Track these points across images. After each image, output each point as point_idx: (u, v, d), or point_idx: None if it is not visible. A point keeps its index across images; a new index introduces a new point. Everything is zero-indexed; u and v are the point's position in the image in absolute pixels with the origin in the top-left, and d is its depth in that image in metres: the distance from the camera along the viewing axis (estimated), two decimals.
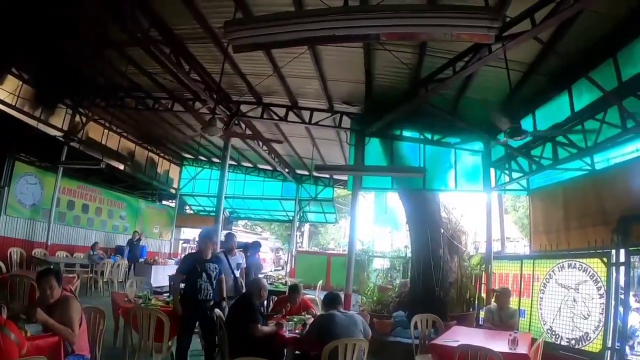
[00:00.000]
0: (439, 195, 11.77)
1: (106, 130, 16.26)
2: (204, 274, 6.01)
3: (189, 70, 9.39)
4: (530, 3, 5.90)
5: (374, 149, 11.28)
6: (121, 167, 17.46)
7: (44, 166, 14.60)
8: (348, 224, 12.09)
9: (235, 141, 14.03)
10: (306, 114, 11.66)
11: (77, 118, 14.53)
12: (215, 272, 6.20)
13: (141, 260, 15.37)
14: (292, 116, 11.73)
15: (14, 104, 12.72)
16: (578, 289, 7.71)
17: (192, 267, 6.06)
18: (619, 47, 6.81)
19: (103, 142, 16.55)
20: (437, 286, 10.07)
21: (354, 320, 5.33)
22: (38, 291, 4.30)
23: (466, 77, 8.32)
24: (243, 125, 13.12)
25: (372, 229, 22.81)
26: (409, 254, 12.57)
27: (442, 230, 10.87)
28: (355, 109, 11.16)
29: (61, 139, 14.30)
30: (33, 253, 12.92)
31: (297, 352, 5.57)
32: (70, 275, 9.65)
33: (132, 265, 14.76)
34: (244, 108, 11.97)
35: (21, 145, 13.76)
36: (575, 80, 7.99)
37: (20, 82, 12.81)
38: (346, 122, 11.45)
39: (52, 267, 5.66)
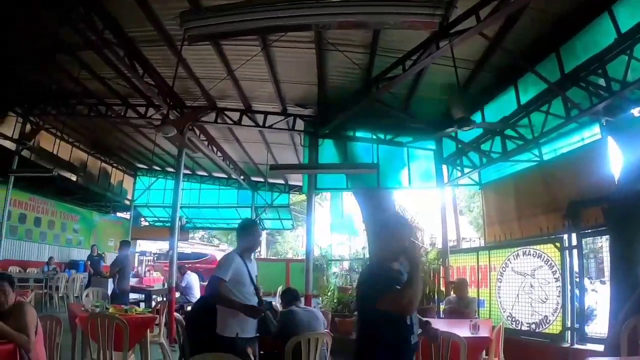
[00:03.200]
0: (394, 194, 11.93)
1: (58, 140, 15.47)
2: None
3: (143, 74, 9.10)
4: (476, 0, 6.09)
5: (327, 150, 11.33)
6: (73, 178, 16.75)
7: None
8: (305, 233, 12.06)
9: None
10: (260, 118, 11.53)
11: (29, 127, 13.65)
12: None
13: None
14: (246, 120, 11.56)
15: None
16: (534, 275, 7.97)
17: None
18: (562, 42, 7.17)
19: (55, 153, 15.59)
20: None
21: (315, 315, 5.28)
22: None
23: (416, 75, 8.50)
24: (197, 131, 12.87)
25: (330, 237, 22.85)
26: (367, 256, 12.67)
27: None
28: (309, 111, 11.12)
29: (13, 146, 13.38)
30: None
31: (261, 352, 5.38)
32: (23, 290, 9.17)
33: (89, 281, 14.13)
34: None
35: None
36: (521, 76, 8.33)
37: None
38: (300, 124, 11.39)
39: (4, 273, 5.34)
